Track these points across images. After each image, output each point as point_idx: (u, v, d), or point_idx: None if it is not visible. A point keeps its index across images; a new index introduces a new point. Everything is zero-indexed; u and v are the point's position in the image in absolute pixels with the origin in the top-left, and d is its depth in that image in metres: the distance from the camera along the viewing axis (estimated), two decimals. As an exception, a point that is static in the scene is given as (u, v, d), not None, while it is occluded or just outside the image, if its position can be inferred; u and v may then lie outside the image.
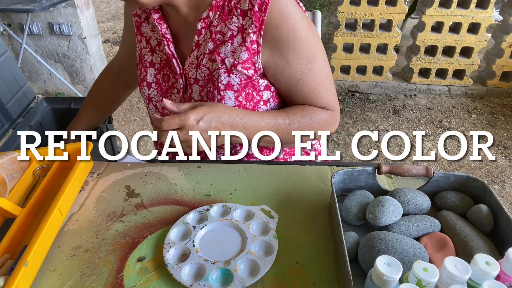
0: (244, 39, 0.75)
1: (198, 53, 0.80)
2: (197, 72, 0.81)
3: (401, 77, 3.06)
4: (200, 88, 0.81)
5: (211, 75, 0.79)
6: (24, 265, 0.56)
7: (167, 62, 0.85)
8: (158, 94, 0.87)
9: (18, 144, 1.07)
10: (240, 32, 0.75)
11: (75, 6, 2.58)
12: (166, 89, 0.86)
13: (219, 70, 0.78)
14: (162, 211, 0.74)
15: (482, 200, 0.68)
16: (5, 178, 0.73)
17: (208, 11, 0.76)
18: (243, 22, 0.74)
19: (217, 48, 0.77)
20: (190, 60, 0.81)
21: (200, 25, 0.78)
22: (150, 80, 0.87)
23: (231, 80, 0.78)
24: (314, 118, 0.80)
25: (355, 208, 0.68)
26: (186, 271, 0.60)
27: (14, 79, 1.20)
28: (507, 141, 2.47)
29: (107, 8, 5.17)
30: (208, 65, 0.79)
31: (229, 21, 0.76)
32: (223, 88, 0.78)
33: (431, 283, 0.46)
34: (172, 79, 0.85)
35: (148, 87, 0.87)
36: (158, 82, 0.87)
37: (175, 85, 0.86)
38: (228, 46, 0.77)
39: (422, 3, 2.78)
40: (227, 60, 0.77)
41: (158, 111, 0.90)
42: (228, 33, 0.76)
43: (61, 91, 2.99)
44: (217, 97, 0.79)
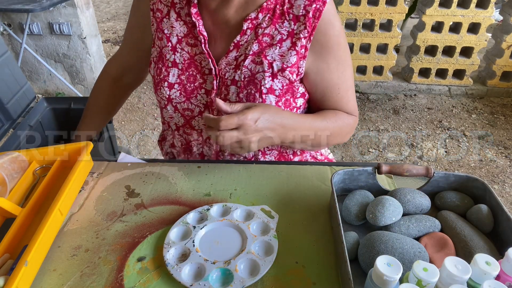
0: (294, 44, 0.76)
1: (238, 54, 0.78)
2: (236, 73, 0.78)
3: (401, 77, 3.06)
4: (238, 90, 0.78)
5: (253, 77, 0.77)
6: (24, 265, 0.56)
7: (192, 61, 0.81)
8: (181, 95, 0.82)
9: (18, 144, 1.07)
10: (290, 37, 0.76)
11: (75, 6, 2.58)
12: (192, 90, 0.82)
13: (264, 73, 0.77)
14: (162, 211, 0.74)
15: (482, 200, 0.68)
16: (5, 178, 0.73)
17: (257, 12, 0.75)
18: (294, 27, 0.76)
19: (263, 51, 0.76)
20: (226, 60, 0.78)
21: (246, 25, 0.76)
22: (172, 81, 0.82)
23: (274, 85, 0.78)
24: (344, 123, 0.84)
25: (355, 208, 0.68)
26: (186, 271, 0.60)
27: (14, 79, 1.20)
28: (507, 141, 2.47)
29: (107, 8, 5.17)
30: (251, 66, 0.77)
31: (279, 25, 0.76)
32: (265, 92, 0.77)
33: (431, 283, 0.47)
34: (199, 79, 0.81)
35: (169, 88, 0.82)
36: (182, 83, 0.82)
37: (202, 86, 0.81)
38: (276, 50, 0.76)
39: (422, 3, 2.78)
40: (275, 63, 0.77)
41: (178, 112, 0.85)
42: (278, 36, 0.76)
43: (61, 91, 2.99)
44: (258, 100, 0.78)
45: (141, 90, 3.06)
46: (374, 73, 2.98)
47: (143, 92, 3.04)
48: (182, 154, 0.94)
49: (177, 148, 0.94)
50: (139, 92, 3.03)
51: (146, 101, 2.93)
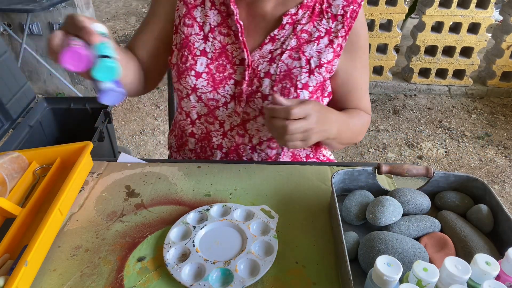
0: (331, 41, 0.79)
1: (273, 47, 0.79)
2: (271, 66, 0.78)
3: (401, 77, 3.06)
4: (273, 83, 0.79)
5: (289, 71, 0.78)
6: (24, 265, 0.56)
7: (223, 51, 0.80)
8: (208, 85, 0.80)
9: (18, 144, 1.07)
10: (328, 35, 0.79)
11: (75, 6, 2.58)
12: (220, 80, 0.80)
13: (301, 69, 0.78)
14: (162, 211, 0.74)
15: (482, 200, 0.68)
16: (5, 178, 0.73)
17: (297, 9, 0.77)
18: (332, 25, 0.78)
19: (301, 47, 0.78)
20: (260, 53, 0.79)
21: (286, 20, 0.77)
22: (200, 70, 0.80)
23: (310, 81, 0.79)
24: (365, 121, 0.89)
25: (355, 208, 0.68)
26: (186, 271, 0.60)
27: (14, 79, 1.20)
28: (507, 141, 2.47)
29: (107, 8, 5.18)
30: (288, 61, 0.78)
31: (317, 22, 0.78)
32: (300, 87, 0.79)
33: (431, 283, 0.47)
34: (229, 69, 0.80)
35: (196, 77, 0.80)
36: (210, 73, 0.80)
37: (232, 76, 0.80)
38: (314, 46, 0.78)
39: (422, 3, 2.78)
40: (313, 60, 0.79)
41: (202, 102, 0.82)
42: (316, 33, 0.78)
43: (61, 91, 2.99)
44: (293, 94, 0.79)
45: (141, 90, 3.06)
46: (374, 73, 2.98)
47: (143, 92, 3.04)
48: (200, 142, 0.91)
49: (196, 136, 0.91)
50: (139, 92, 3.03)
51: (146, 101, 2.93)
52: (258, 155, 0.88)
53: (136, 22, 4.61)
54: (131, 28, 4.42)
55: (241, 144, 0.87)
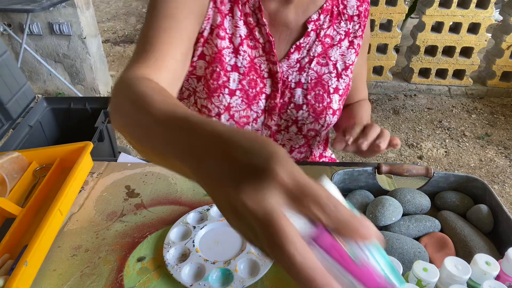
0: (352, 42, 0.80)
1: (299, 56, 0.77)
2: (301, 75, 0.77)
3: (401, 77, 3.06)
4: (305, 92, 0.78)
5: (319, 78, 0.79)
6: (24, 265, 0.56)
7: (252, 65, 0.75)
8: (242, 102, 0.76)
9: (18, 144, 1.07)
10: (347, 36, 0.79)
11: (75, 6, 2.58)
12: (254, 96, 0.76)
13: (330, 74, 0.79)
14: (162, 211, 0.74)
15: (482, 200, 0.68)
16: (5, 178, 0.73)
17: (318, 14, 0.75)
18: (349, 26, 0.79)
19: (326, 52, 0.78)
20: (288, 63, 0.76)
21: (310, 27, 0.75)
22: (233, 87, 0.74)
23: (339, 85, 0.81)
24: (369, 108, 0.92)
25: (355, 208, 0.68)
26: (186, 271, 0.60)
27: (14, 79, 1.20)
28: (507, 141, 2.47)
29: (107, 8, 5.18)
30: (317, 68, 0.78)
31: (337, 25, 0.78)
32: (332, 92, 0.80)
33: (431, 283, 0.47)
34: (259, 84, 0.76)
35: (230, 95, 0.74)
36: (243, 89, 0.75)
37: (263, 90, 0.77)
38: (338, 50, 0.79)
39: (422, 3, 2.78)
40: (339, 64, 0.80)
41: (233, 120, 0.77)
42: (337, 37, 0.79)
43: (61, 91, 2.99)
44: (326, 100, 0.79)
45: (141, 90, 3.06)
46: (374, 73, 2.98)
47: (143, 92, 3.03)
48: None
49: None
50: (139, 92, 3.02)
51: (146, 101, 2.92)
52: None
53: (136, 22, 4.61)
54: (131, 28, 4.42)
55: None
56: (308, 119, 0.81)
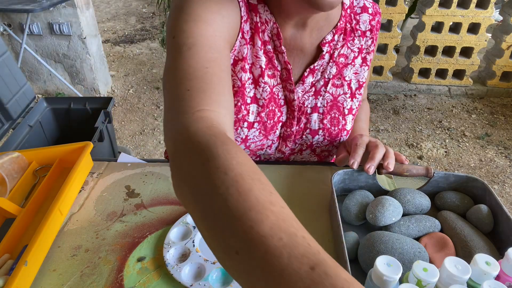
0: (365, 59, 0.77)
1: (314, 79, 0.74)
2: (317, 99, 0.75)
3: (401, 77, 3.06)
4: (321, 116, 0.76)
5: (335, 101, 0.76)
6: (24, 265, 0.56)
7: (272, 95, 0.72)
8: (260, 134, 0.73)
9: (18, 144, 1.07)
10: (360, 53, 0.77)
11: (75, 6, 2.58)
12: (271, 127, 0.74)
13: (345, 95, 0.77)
14: (162, 211, 0.74)
15: (482, 200, 0.68)
16: (5, 178, 0.73)
17: (333, 35, 0.71)
18: (362, 42, 0.76)
19: (341, 72, 0.75)
20: (303, 88, 0.73)
21: (325, 49, 0.71)
22: (251, 120, 0.71)
23: (353, 105, 0.78)
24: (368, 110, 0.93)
25: (355, 208, 0.68)
26: (186, 271, 0.60)
27: (14, 79, 1.20)
28: (507, 141, 2.47)
29: (107, 8, 5.18)
30: (332, 90, 0.75)
31: (351, 43, 0.75)
32: (346, 113, 0.78)
33: (431, 283, 0.46)
34: (277, 113, 0.74)
35: (248, 128, 0.71)
36: (261, 121, 0.72)
37: (280, 119, 0.75)
38: (352, 69, 0.77)
39: (422, 3, 2.78)
40: (353, 83, 0.77)
41: (249, 149, 0.76)
42: (351, 55, 0.76)
43: (61, 91, 2.99)
44: (341, 122, 0.78)
45: (141, 90, 3.06)
46: (374, 73, 2.98)
47: (143, 92, 3.04)
48: None
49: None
50: (139, 92, 3.03)
51: (146, 101, 2.92)
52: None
53: (136, 22, 4.61)
54: (131, 28, 4.42)
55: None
56: (323, 142, 0.80)
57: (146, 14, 4.89)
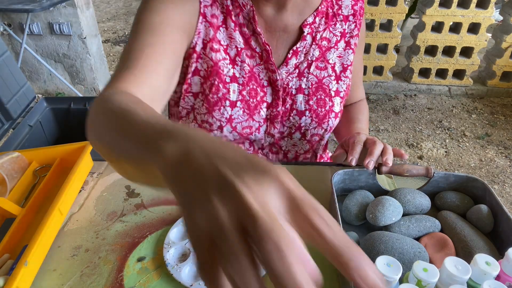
0: (348, 43, 0.80)
1: (297, 61, 0.76)
2: (301, 81, 0.76)
3: (401, 77, 3.06)
4: (307, 97, 0.78)
5: (320, 82, 0.78)
6: (24, 265, 0.56)
7: (252, 74, 0.74)
8: (244, 113, 0.75)
9: (18, 144, 1.07)
10: (343, 37, 0.79)
11: (75, 6, 2.58)
12: (255, 106, 0.75)
13: (330, 78, 0.78)
14: (162, 211, 0.74)
15: (482, 200, 0.68)
16: (5, 178, 0.73)
17: (314, 17, 0.74)
18: (345, 26, 0.79)
19: (324, 55, 0.77)
20: (287, 69, 0.75)
21: (306, 31, 0.74)
22: (234, 99, 0.73)
23: (339, 87, 0.80)
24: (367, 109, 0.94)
25: (355, 208, 0.68)
26: (186, 271, 0.60)
27: (14, 79, 1.20)
28: (507, 141, 2.47)
29: (107, 8, 5.18)
30: (316, 72, 0.77)
31: (333, 27, 0.78)
32: (333, 95, 0.79)
33: (431, 283, 0.46)
34: (260, 93, 0.76)
35: (231, 106, 0.73)
36: (244, 100, 0.74)
37: (264, 99, 0.77)
38: (335, 52, 0.79)
39: (422, 3, 2.78)
40: (337, 66, 0.79)
41: (236, 132, 0.76)
42: (333, 39, 0.78)
43: (61, 91, 2.99)
44: (328, 104, 0.79)
45: (141, 90, 3.06)
46: (374, 73, 2.98)
47: (143, 92, 3.03)
48: None
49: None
50: (139, 92, 3.03)
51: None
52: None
53: (136, 22, 4.61)
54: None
55: (275, 160, 0.86)
56: (311, 124, 0.81)
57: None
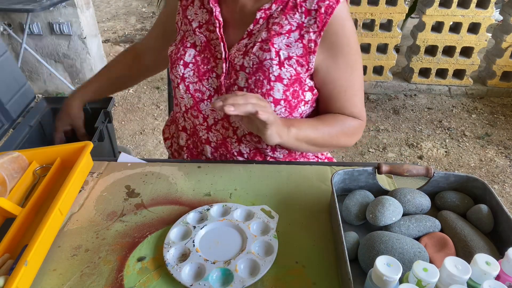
0: (302, 36, 0.78)
1: (249, 42, 0.81)
2: (244, 59, 0.80)
3: (401, 77, 3.06)
4: (247, 76, 0.80)
5: (261, 64, 0.79)
6: (24, 265, 0.56)
7: (208, 45, 0.85)
8: (194, 75, 0.85)
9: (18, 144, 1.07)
10: (299, 29, 0.78)
11: (75, 6, 2.58)
12: (204, 72, 0.85)
13: (272, 61, 0.78)
14: (162, 211, 0.74)
15: (482, 200, 0.68)
16: (5, 178, 0.73)
17: (271, 3, 0.78)
18: (304, 20, 0.78)
19: (271, 39, 0.78)
20: (237, 47, 0.81)
21: (259, 15, 0.79)
22: (188, 60, 0.85)
23: (282, 73, 0.79)
24: (345, 125, 0.85)
25: (355, 208, 0.68)
26: (186, 271, 0.60)
27: (14, 79, 1.20)
28: (507, 141, 2.47)
29: (107, 8, 5.17)
30: (258, 53, 0.79)
31: (290, 16, 0.78)
32: (273, 79, 0.79)
33: (431, 283, 0.46)
34: (212, 62, 0.84)
35: (184, 66, 0.85)
36: (196, 64, 0.85)
37: (214, 70, 0.84)
38: (284, 39, 0.78)
39: (422, 3, 2.78)
40: (282, 52, 0.79)
41: (189, 93, 0.87)
42: (287, 27, 0.78)
43: (61, 91, 2.99)
44: (266, 87, 0.79)
45: (141, 90, 3.06)
46: (374, 73, 2.98)
47: (143, 92, 3.04)
48: (191, 137, 0.95)
49: (187, 131, 0.95)
50: (139, 92, 3.03)
51: (146, 101, 2.93)
52: (246, 146, 0.88)
53: (136, 22, 4.61)
54: (131, 28, 4.42)
55: (227, 138, 0.88)
56: None
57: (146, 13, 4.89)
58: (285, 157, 0.91)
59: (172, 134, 1.03)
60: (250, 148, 0.88)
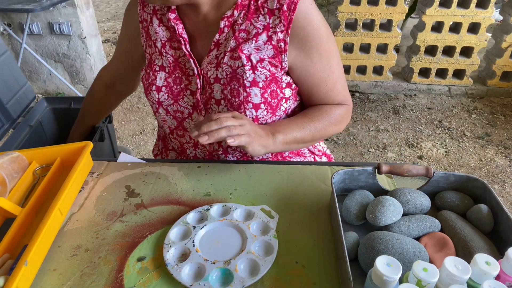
0: (270, 37, 0.76)
1: (218, 52, 0.79)
2: (218, 71, 0.79)
3: (401, 77, 3.06)
4: (222, 87, 0.79)
5: (234, 73, 0.78)
6: (24, 265, 0.56)
7: (177, 64, 0.83)
8: (169, 98, 0.84)
9: (18, 144, 1.07)
10: (266, 30, 0.76)
11: (75, 6, 2.58)
12: (178, 92, 0.84)
13: (244, 68, 0.77)
14: (162, 211, 0.74)
15: (482, 200, 0.68)
16: (5, 178, 0.73)
17: (232, 10, 0.76)
18: (269, 20, 0.76)
19: (239, 46, 0.77)
20: (208, 60, 0.80)
21: (223, 24, 0.77)
22: (160, 84, 0.84)
23: (256, 77, 0.78)
24: (331, 116, 0.85)
25: (355, 208, 0.68)
26: (186, 271, 0.60)
27: (14, 79, 1.20)
28: (507, 141, 2.47)
29: (107, 8, 5.17)
30: (230, 63, 0.78)
31: (254, 20, 0.76)
32: (248, 85, 0.78)
33: (431, 283, 0.47)
34: (184, 81, 0.83)
35: (157, 91, 0.84)
36: (168, 86, 0.84)
37: (188, 87, 0.83)
38: (252, 44, 0.77)
39: (422, 3, 2.78)
40: (253, 56, 0.77)
41: (170, 115, 0.87)
42: (253, 31, 0.77)
43: (61, 91, 2.99)
44: (242, 94, 0.78)
45: (141, 90, 3.06)
46: (374, 73, 2.98)
47: (142, 92, 3.04)
48: (180, 156, 0.96)
49: (176, 150, 0.96)
50: (139, 92, 3.03)
51: (146, 101, 2.92)
52: (232, 155, 0.89)
53: (136, 22, 4.61)
54: (131, 28, 4.42)
55: (213, 152, 0.89)
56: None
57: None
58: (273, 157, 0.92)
59: (161, 150, 1.03)
60: (237, 157, 0.90)
